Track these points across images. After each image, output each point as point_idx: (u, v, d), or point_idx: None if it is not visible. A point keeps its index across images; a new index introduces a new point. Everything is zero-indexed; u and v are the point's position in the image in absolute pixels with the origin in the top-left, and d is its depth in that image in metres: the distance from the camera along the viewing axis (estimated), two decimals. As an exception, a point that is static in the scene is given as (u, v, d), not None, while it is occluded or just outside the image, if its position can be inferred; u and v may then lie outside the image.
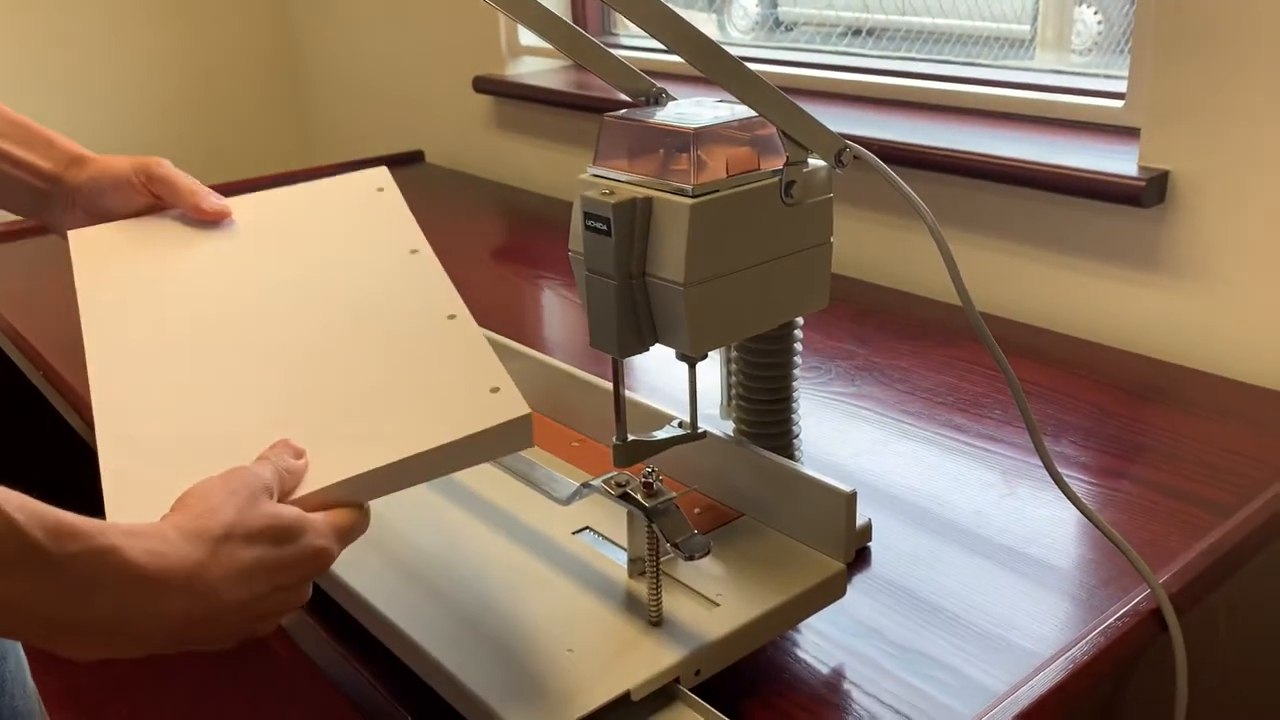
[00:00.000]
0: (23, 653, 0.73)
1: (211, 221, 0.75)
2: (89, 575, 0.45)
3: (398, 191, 0.77)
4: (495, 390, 0.59)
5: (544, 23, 0.71)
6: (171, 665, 1.67)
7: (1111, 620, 0.68)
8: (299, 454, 0.57)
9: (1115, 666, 0.68)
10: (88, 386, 0.62)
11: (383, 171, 0.80)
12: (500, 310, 1.26)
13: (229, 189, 1.96)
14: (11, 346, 1.25)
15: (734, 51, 0.63)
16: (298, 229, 0.75)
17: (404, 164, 2.01)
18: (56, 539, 0.44)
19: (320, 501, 0.55)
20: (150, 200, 0.76)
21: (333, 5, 2.29)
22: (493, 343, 0.94)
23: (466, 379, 0.61)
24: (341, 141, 2.41)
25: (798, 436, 0.79)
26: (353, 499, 0.56)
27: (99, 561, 0.45)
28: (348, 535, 0.56)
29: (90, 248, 0.73)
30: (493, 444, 0.58)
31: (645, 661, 0.61)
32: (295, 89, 2.49)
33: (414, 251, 0.72)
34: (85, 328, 0.66)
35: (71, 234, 0.74)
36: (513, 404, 0.59)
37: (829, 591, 0.68)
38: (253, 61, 2.41)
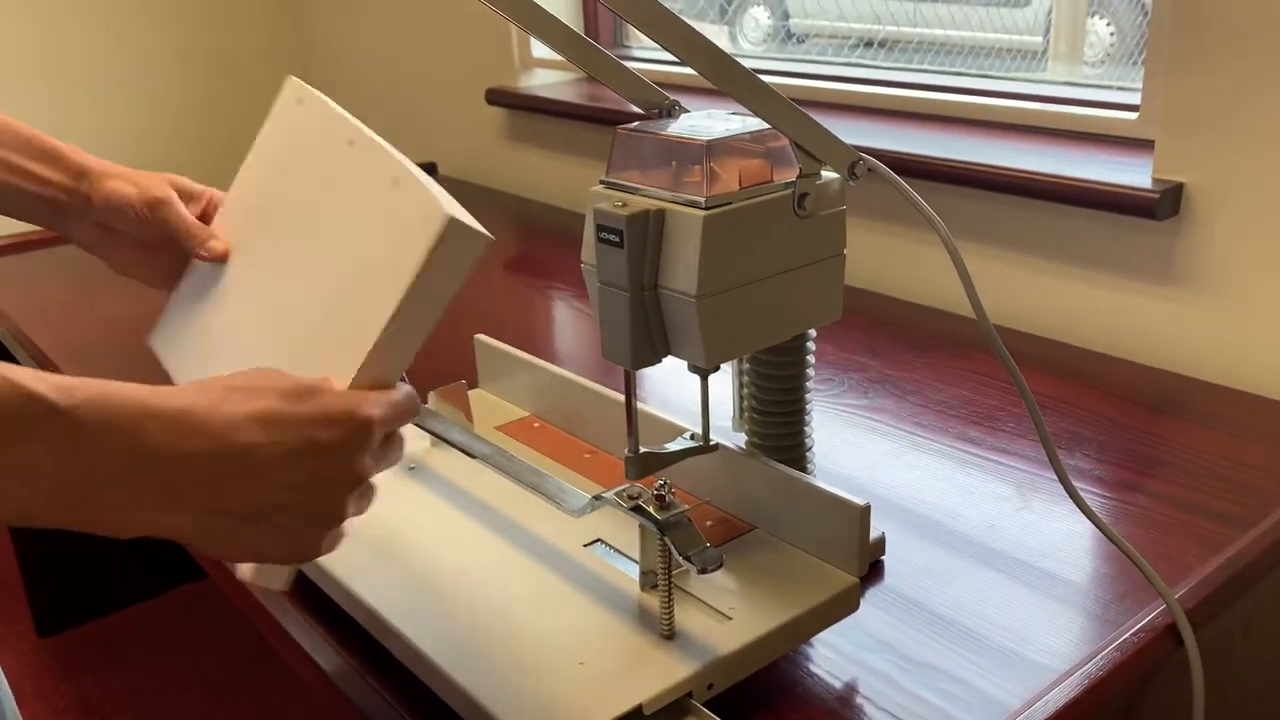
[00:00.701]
0: (6, 686, 0.72)
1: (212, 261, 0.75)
2: (101, 418, 0.44)
3: (316, 94, 0.75)
4: (427, 219, 0.57)
5: (557, 35, 0.72)
6: (186, 678, 1.67)
7: (1127, 636, 0.68)
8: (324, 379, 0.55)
9: (1131, 683, 0.67)
10: None
11: (292, 83, 0.78)
12: (512, 321, 1.26)
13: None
14: (25, 355, 1.26)
15: (746, 63, 0.63)
16: (276, 197, 0.75)
17: (416, 176, 2.02)
18: (64, 392, 0.44)
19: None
20: (156, 231, 0.75)
21: (346, 17, 2.31)
22: (504, 354, 0.94)
23: (407, 228, 0.59)
24: (354, 153, 2.42)
25: (810, 449, 0.79)
26: (385, 380, 0.56)
27: (105, 402, 0.45)
28: (385, 403, 0.53)
29: (291, 114, 0.75)
30: (452, 256, 0.57)
31: (657, 675, 0.60)
32: (309, 101, 2.50)
33: (351, 142, 0.70)
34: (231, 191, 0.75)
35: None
36: (438, 217, 0.56)
37: (842, 605, 0.67)
38: (265, 73, 2.43)
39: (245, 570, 0.56)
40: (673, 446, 0.70)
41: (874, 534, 0.77)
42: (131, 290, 0.85)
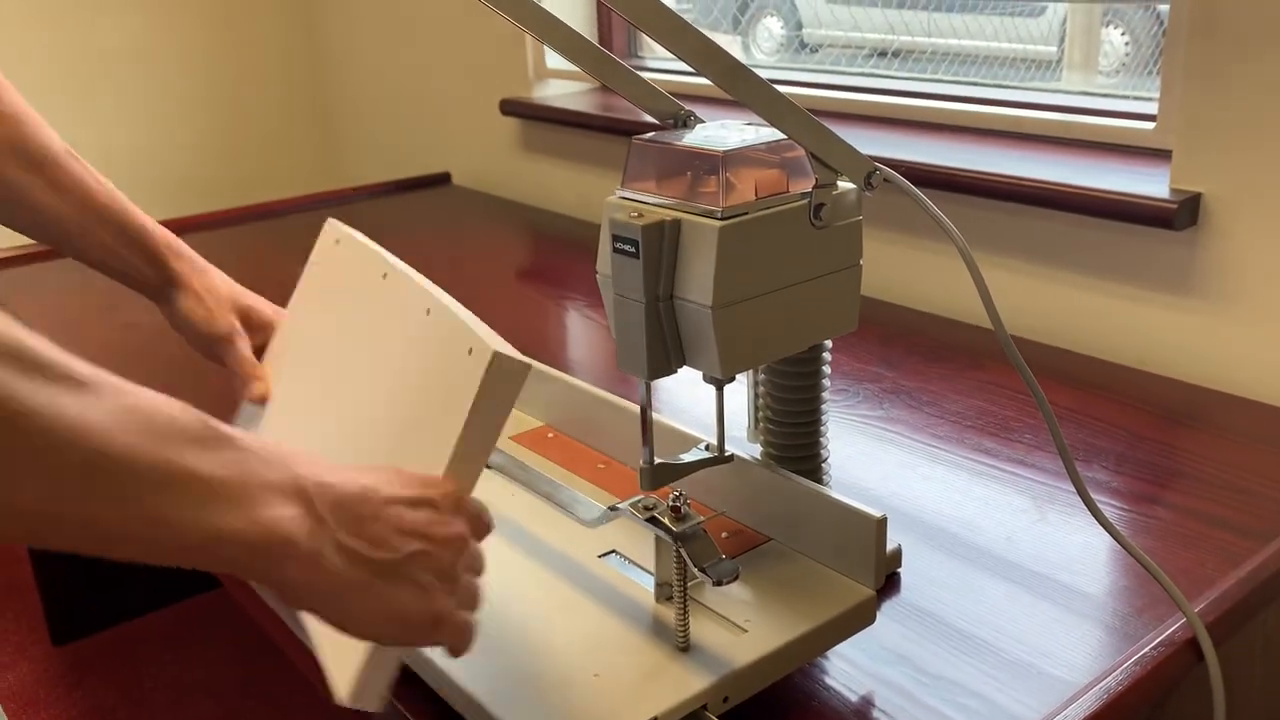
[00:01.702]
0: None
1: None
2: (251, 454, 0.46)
3: (351, 233, 0.79)
4: (471, 353, 0.58)
5: (572, 45, 0.72)
6: (199, 687, 1.67)
7: (1146, 650, 0.67)
8: None
9: (1150, 698, 0.66)
10: None
11: (331, 224, 0.83)
12: (526, 332, 1.26)
13: (257, 211, 1.98)
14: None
15: (759, 74, 0.63)
16: (314, 339, 0.80)
17: (431, 186, 2.03)
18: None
19: None
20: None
21: (361, 28, 2.32)
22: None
23: (449, 357, 0.60)
24: (369, 163, 2.43)
25: (826, 460, 0.79)
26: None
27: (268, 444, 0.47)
28: (465, 506, 0.54)
29: (330, 254, 0.81)
30: (499, 386, 0.58)
31: (673, 687, 0.60)
32: (323, 111, 2.51)
33: (384, 276, 0.72)
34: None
35: (330, 223, 0.82)
36: (481, 354, 0.58)
37: (859, 618, 0.67)
38: (281, 84, 2.44)
39: (344, 688, 0.56)
40: (688, 457, 0.70)
41: (890, 546, 0.77)
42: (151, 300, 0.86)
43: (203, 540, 0.43)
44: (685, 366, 0.67)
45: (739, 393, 0.81)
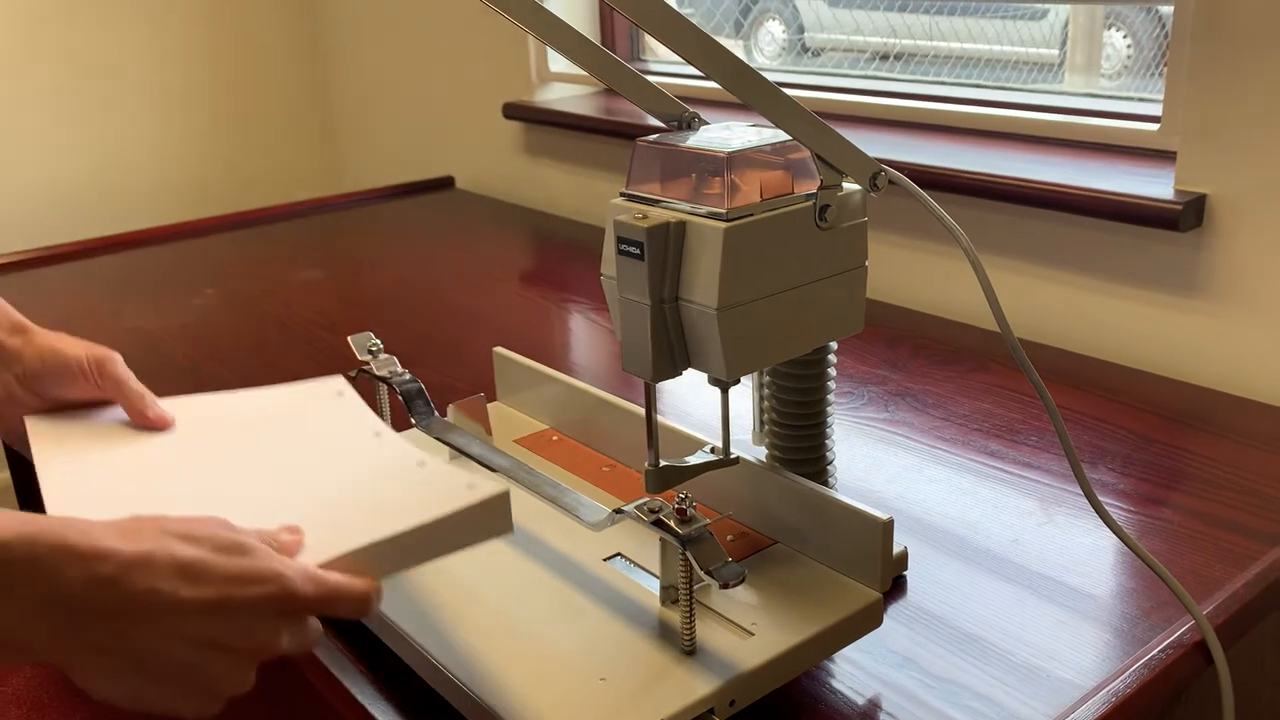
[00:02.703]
0: None
1: (154, 427, 0.73)
2: (26, 557, 0.45)
3: (355, 394, 0.78)
4: (471, 487, 0.60)
5: (575, 47, 0.71)
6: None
7: (1155, 653, 0.67)
8: (293, 530, 0.55)
9: (1159, 700, 0.66)
10: None
11: (339, 379, 0.80)
12: (530, 335, 1.26)
13: (261, 216, 1.98)
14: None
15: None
16: (259, 424, 0.75)
17: (434, 190, 2.03)
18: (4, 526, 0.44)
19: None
20: (96, 393, 0.73)
21: (364, 32, 2.32)
22: (523, 367, 0.94)
23: (443, 484, 0.61)
24: (372, 168, 2.43)
25: (831, 463, 0.78)
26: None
27: (32, 540, 0.45)
28: (326, 584, 0.51)
29: (49, 434, 0.72)
30: (475, 524, 0.58)
31: (679, 691, 0.60)
32: (326, 115, 2.52)
33: (378, 434, 0.72)
34: (46, 498, 0.65)
35: (29, 420, 0.73)
36: (490, 487, 0.59)
37: (865, 621, 0.67)
38: (284, 87, 2.44)
39: None
40: (693, 460, 0.70)
41: (896, 548, 0.76)
42: (156, 304, 0.86)
43: None
44: (690, 369, 0.67)
45: (744, 395, 0.80)
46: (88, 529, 0.47)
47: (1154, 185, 1.09)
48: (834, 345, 0.75)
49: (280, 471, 0.68)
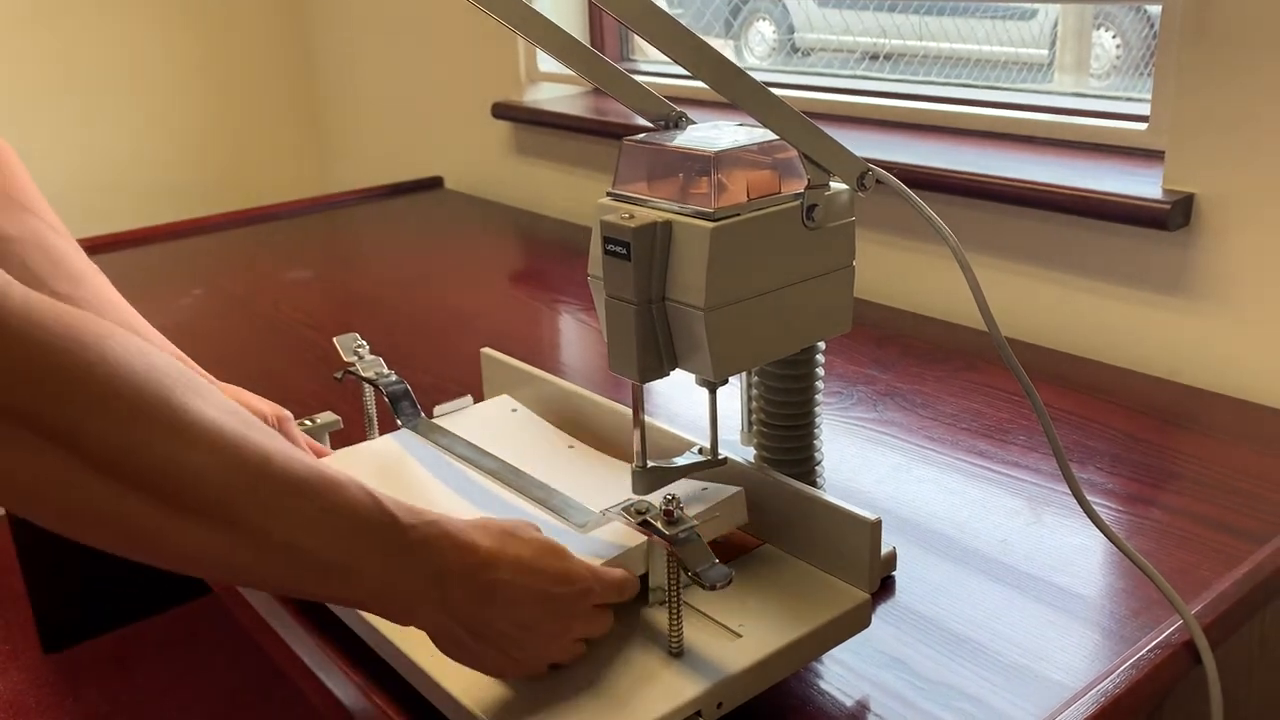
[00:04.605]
0: None
1: None
2: (423, 540, 0.55)
3: (526, 409, 0.89)
4: (707, 489, 0.72)
5: (563, 48, 0.71)
6: (193, 694, 1.67)
7: (1143, 652, 0.67)
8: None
9: (1147, 700, 0.66)
10: None
11: (505, 399, 0.91)
12: (519, 335, 1.26)
13: (249, 216, 1.97)
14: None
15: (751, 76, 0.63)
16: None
17: (423, 190, 2.02)
18: (411, 514, 0.55)
19: None
20: None
21: (353, 33, 2.31)
22: (511, 368, 0.93)
23: (680, 490, 0.71)
24: (361, 168, 2.42)
25: (820, 463, 0.78)
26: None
27: (428, 529, 0.56)
28: (609, 580, 0.62)
29: (499, 411, 0.88)
30: (717, 520, 0.71)
31: (666, 693, 0.59)
32: (315, 115, 2.51)
33: (570, 447, 0.83)
34: None
35: (505, 397, 0.89)
36: (728, 487, 0.72)
37: (854, 622, 0.66)
38: (273, 88, 2.43)
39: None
40: (681, 461, 0.70)
41: (885, 549, 0.76)
42: (143, 304, 0.85)
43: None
44: (678, 369, 0.66)
45: (733, 395, 0.80)
46: (458, 524, 0.58)
47: (1142, 185, 1.09)
48: (822, 345, 0.74)
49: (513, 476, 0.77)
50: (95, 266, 0.82)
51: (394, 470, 0.80)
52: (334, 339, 0.90)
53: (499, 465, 0.79)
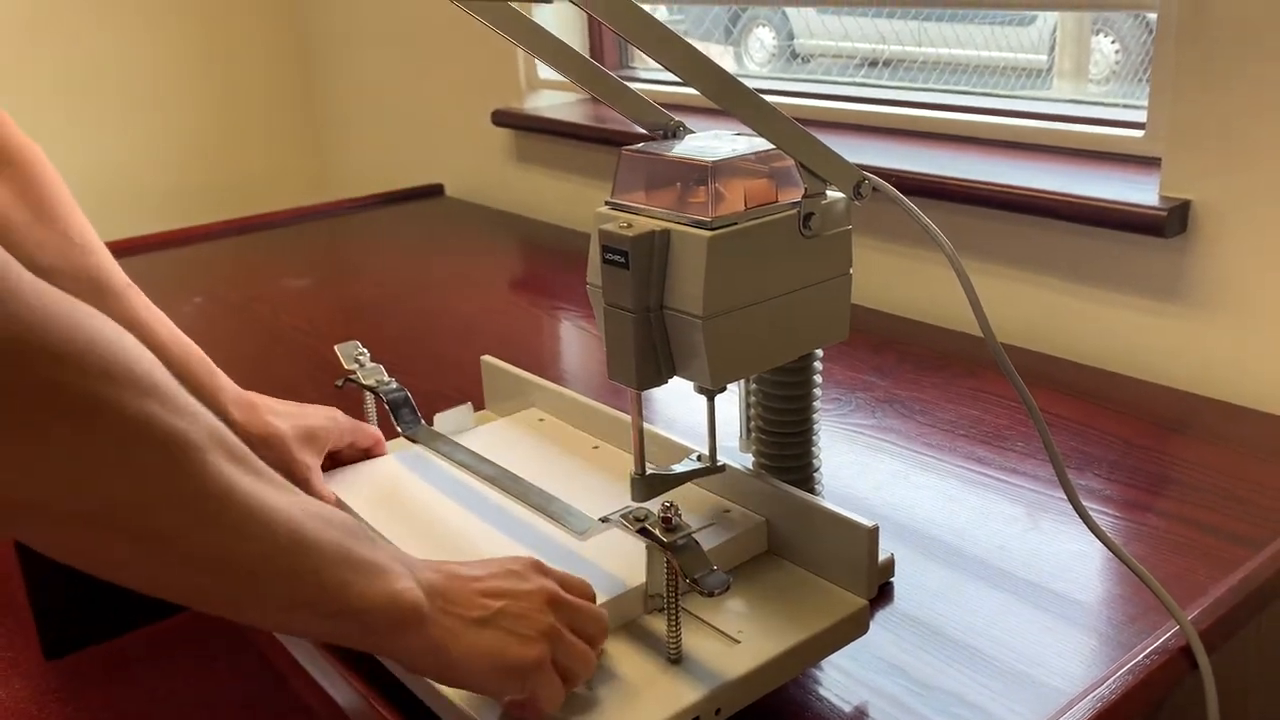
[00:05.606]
0: None
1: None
2: (437, 604, 0.56)
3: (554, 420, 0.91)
4: (728, 511, 0.75)
5: (562, 57, 0.72)
6: (194, 701, 1.67)
7: (1140, 658, 0.67)
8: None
9: (1144, 706, 0.66)
10: None
11: (534, 411, 0.92)
12: (518, 342, 1.26)
13: (249, 224, 1.97)
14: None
15: (751, 83, 0.63)
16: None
17: (423, 197, 2.03)
18: (427, 590, 0.56)
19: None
20: (341, 444, 0.84)
21: (353, 40, 2.32)
22: (511, 375, 0.94)
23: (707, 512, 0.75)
24: (362, 175, 2.43)
25: (818, 470, 0.78)
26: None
27: (433, 585, 0.57)
28: (550, 571, 0.62)
29: (526, 421, 0.91)
30: (737, 549, 0.73)
31: (664, 699, 0.60)
32: (315, 123, 2.51)
33: (595, 448, 0.85)
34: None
35: (534, 409, 0.91)
36: (750, 516, 0.74)
37: (852, 628, 0.67)
38: (273, 96, 2.44)
39: None
40: (679, 468, 0.70)
41: (883, 555, 0.77)
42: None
43: (357, 609, 0.52)
44: (676, 377, 0.67)
45: (731, 402, 0.80)
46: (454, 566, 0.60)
47: (1139, 191, 1.10)
48: (820, 352, 0.75)
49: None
50: (126, 279, 0.82)
51: (391, 490, 0.81)
52: (335, 347, 0.91)
53: (498, 472, 0.80)
